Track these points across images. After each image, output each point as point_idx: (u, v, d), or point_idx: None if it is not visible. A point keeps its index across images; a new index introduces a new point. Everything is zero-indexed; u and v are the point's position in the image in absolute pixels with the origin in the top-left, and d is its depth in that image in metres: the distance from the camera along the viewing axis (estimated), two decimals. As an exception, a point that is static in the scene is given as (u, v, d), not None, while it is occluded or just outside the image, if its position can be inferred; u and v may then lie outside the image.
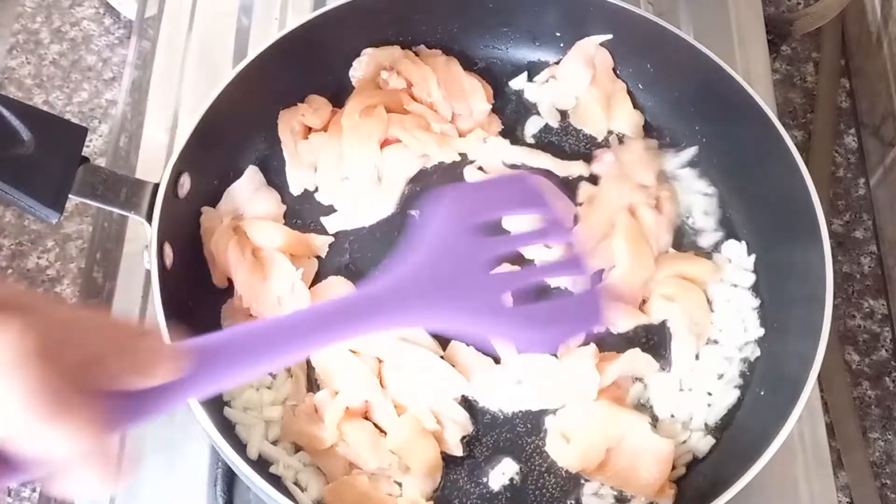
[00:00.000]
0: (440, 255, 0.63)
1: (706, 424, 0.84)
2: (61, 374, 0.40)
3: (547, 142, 0.98)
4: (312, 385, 0.84)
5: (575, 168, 0.95)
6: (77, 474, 0.42)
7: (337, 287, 0.87)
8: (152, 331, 0.48)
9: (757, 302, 0.88)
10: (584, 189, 0.93)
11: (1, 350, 0.39)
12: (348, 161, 0.92)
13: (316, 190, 0.93)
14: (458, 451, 0.81)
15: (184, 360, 0.47)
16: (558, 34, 1.00)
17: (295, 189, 0.93)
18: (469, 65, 1.00)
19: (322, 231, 0.91)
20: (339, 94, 0.97)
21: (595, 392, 0.81)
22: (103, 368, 0.44)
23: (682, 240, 0.93)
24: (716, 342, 0.87)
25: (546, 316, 0.68)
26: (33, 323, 0.40)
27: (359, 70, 0.97)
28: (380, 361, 0.82)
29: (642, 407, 0.84)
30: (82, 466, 0.42)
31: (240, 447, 0.75)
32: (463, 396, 0.83)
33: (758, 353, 0.87)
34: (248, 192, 0.91)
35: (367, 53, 0.97)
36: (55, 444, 0.41)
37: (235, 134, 0.92)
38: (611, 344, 0.86)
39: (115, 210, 0.82)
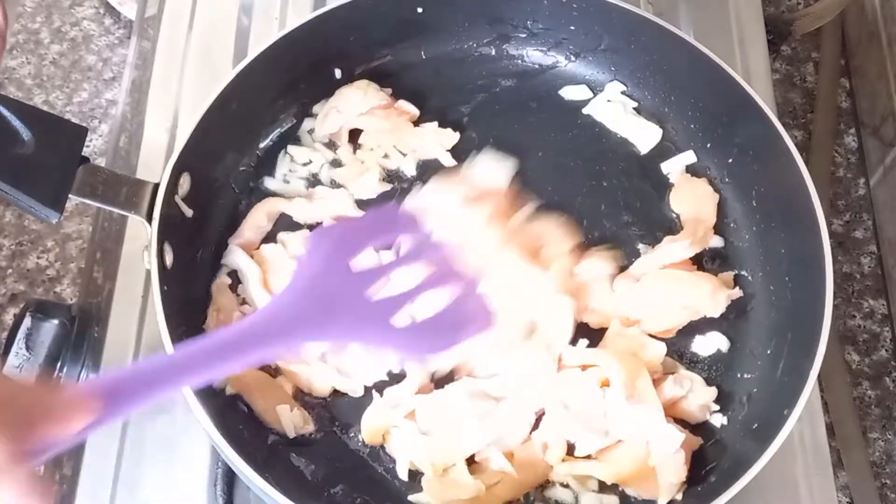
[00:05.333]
0: (319, 287, 0.67)
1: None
2: None
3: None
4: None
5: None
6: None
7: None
8: (62, 386, 0.52)
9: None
10: None
11: None
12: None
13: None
14: None
15: (94, 408, 0.52)
16: (562, 36, 1.00)
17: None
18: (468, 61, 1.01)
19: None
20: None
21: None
22: (24, 425, 0.48)
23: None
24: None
25: (433, 327, 0.73)
26: None
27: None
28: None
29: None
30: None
31: (240, 447, 0.75)
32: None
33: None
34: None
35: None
36: None
37: (235, 134, 0.92)
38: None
39: (115, 210, 0.82)
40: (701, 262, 0.91)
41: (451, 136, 0.96)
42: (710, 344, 0.88)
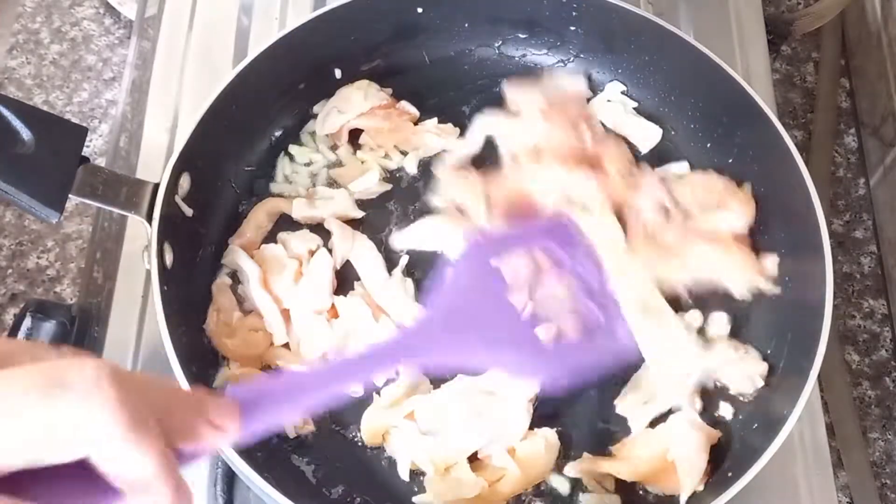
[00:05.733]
0: (466, 297, 0.66)
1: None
2: (136, 401, 0.44)
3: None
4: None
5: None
6: (151, 498, 0.46)
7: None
8: (211, 398, 0.51)
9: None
10: None
11: (81, 373, 0.43)
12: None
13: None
14: None
15: (235, 428, 0.51)
16: (562, 36, 1.00)
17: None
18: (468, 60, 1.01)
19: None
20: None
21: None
22: (171, 423, 0.47)
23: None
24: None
25: (575, 353, 0.71)
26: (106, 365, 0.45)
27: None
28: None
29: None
30: (155, 490, 0.45)
31: (240, 447, 0.75)
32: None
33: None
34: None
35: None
36: (134, 462, 0.44)
37: (236, 134, 0.92)
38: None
39: (115, 210, 0.82)
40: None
41: (452, 131, 0.96)
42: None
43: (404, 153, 0.96)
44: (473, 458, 0.81)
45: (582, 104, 0.97)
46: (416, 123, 0.97)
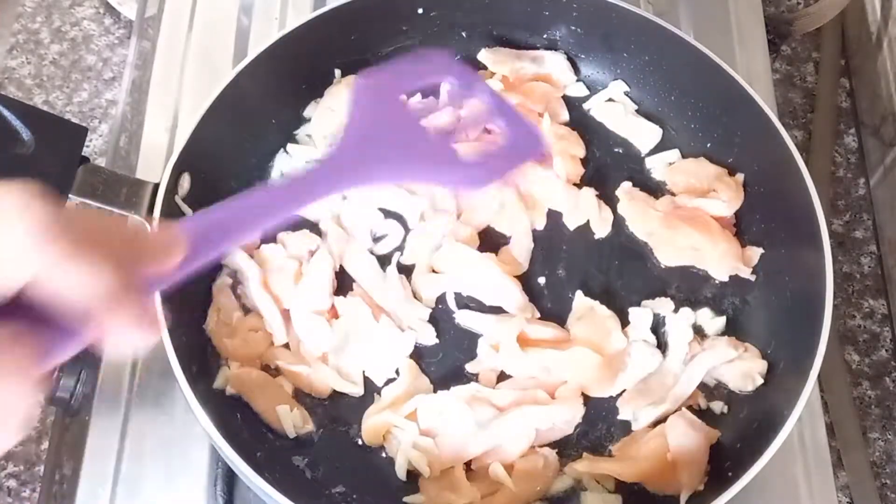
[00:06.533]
0: (374, 121, 0.67)
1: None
2: (70, 221, 0.42)
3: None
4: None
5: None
6: (111, 323, 0.43)
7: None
8: (151, 227, 0.50)
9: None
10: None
11: (8, 197, 0.42)
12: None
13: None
14: None
15: (183, 249, 0.50)
16: (559, 36, 1.00)
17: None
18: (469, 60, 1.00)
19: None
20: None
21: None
22: (124, 258, 0.45)
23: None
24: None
25: (492, 155, 0.73)
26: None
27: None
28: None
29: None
30: (113, 313, 0.43)
31: (240, 447, 0.75)
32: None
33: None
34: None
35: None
36: (83, 281, 0.42)
37: (235, 134, 0.92)
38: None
39: (115, 210, 0.82)
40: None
41: (434, 103, 0.96)
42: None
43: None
44: (469, 469, 0.81)
45: (552, 92, 0.98)
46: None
